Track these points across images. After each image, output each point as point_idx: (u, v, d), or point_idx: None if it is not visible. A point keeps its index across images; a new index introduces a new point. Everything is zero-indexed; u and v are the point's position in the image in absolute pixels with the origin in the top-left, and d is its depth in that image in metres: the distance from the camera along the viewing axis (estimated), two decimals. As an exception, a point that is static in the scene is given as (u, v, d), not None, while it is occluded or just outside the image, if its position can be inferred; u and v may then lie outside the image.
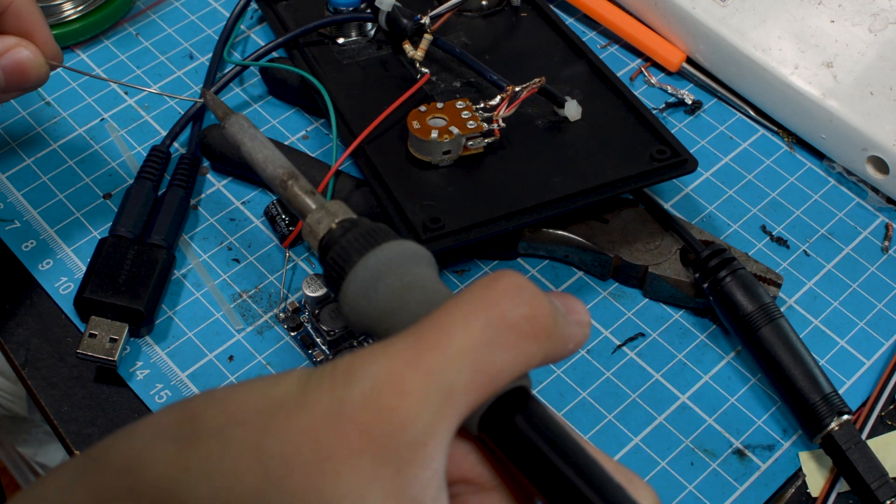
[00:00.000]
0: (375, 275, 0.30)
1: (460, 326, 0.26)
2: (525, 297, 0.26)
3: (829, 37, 0.58)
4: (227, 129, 0.39)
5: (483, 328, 0.26)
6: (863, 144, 0.56)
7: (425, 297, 0.29)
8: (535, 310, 0.26)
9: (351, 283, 0.30)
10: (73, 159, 0.57)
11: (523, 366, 0.26)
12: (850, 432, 0.46)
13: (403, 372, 0.25)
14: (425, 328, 0.26)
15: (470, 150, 0.51)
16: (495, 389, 0.26)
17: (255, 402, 0.25)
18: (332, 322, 0.49)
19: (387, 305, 0.29)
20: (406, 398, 0.25)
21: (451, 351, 0.25)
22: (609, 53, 0.64)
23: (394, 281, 0.29)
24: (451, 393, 0.25)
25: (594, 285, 0.54)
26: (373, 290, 0.29)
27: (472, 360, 0.25)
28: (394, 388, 0.25)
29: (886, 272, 0.55)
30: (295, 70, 0.56)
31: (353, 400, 0.24)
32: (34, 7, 0.46)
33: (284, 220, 0.54)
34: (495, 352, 0.26)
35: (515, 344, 0.26)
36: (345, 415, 0.24)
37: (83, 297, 0.49)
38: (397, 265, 0.30)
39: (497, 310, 0.26)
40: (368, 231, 0.31)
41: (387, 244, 0.30)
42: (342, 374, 0.25)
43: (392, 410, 0.24)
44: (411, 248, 0.30)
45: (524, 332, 0.26)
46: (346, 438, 0.24)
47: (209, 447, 0.25)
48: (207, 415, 0.26)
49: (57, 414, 0.48)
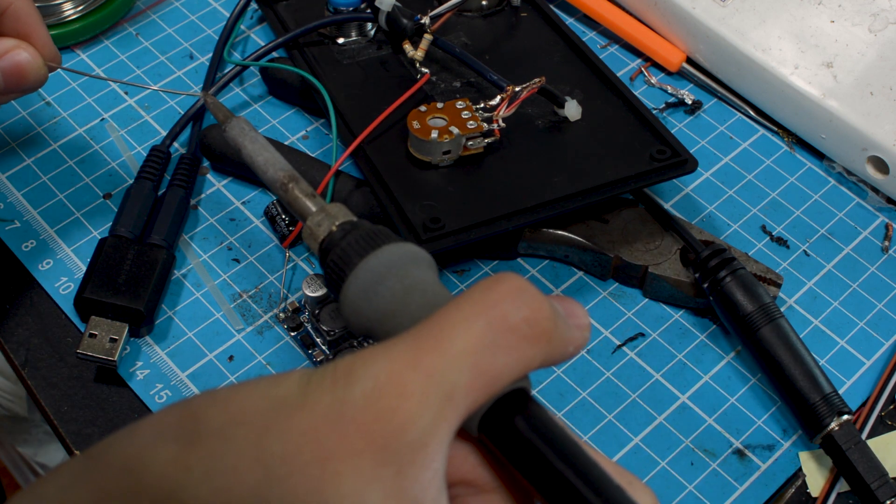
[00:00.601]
0: (376, 277, 0.30)
1: (461, 328, 0.26)
2: (526, 299, 0.26)
3: (829, 37, 0.58)
4: (227, 132, 0.39)
5: (483, 330, 0.26)
6: (863, 144, 0.56)
7: (425, 300, 0.29)
8: (536, 312, 0.26)
9: (351, 285, 0.30)
10: (73, 159, 0.57)
11: (523, 368, 0.26)
12: (850, 432, 0.46)
13: (404, 373, 0.25)
14: (426, 330, 0.26)
15: (470, 150, 0.51)
16: (495, 391, 0.26)
17: (256, 402, 0.26)
18: (332, 322, 0.49)
19: (387, 307, 0.29)
20: (407, 399, 0.25)
21: (452, 352, 0.25)
22: (609, 53, 0.64)
23: (394, 283, 0.29)
24: (451, 394, 0.25)
25: (594, 285, 0.54)
26: (373, 292, 0.30)
27: (472, 362, 0.25)
28: (394, 389, 0.25)
29: (886, 272, 0.55)
30: (295, 70, 0.56)
31: (353, 400, 0.25)
32: (33, 9, 0.46)
33: (284, 220, 0.54)
34: (496, 353, 0.26)
35: (516, 346, 0.26)
36: (345, 415, 0.24)
37: (83, 297, 0.49)
38: (398, 267, 0.30)
39: (498, 312, 0.26)
40: (368, 233, 0.31)
41: (387, 246, 0.30)
42: (343, 374, 0.25)
43: (393, 411, 0.24)
44: (411, 251, 0.30)
45: (524, 335, 0.26)
46: (346, 439, 0.24)
47: (210, 447, 0.25)
48: (208, 415, 0.26)
49: (57, 414, 0.48)
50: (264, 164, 0.37)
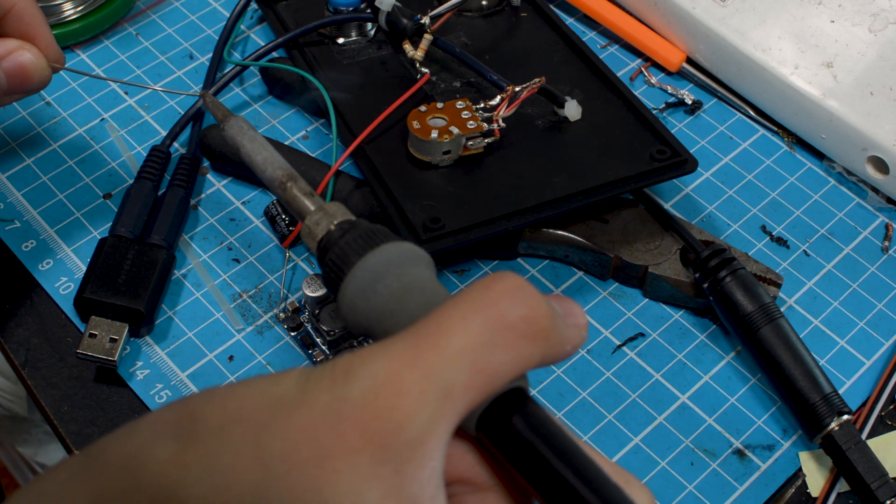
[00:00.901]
0: (374, 276, 0.30)
1: (459, 326, 0.26)
2: (524, 298, 0.27)
3: (829, 37, 0.58)
4: (226, 132, 0.39)
5: (481, 328, 0.26)
6: (863, 144, 0.56)
7: (424, 298, 0.29)
8: (534, 311, 0.27)
9: (349, 284, 0.30)
10: (73, 159, 0.57)
11: (521, 366, 0.26)
12: (850, 432, 0.46)
13: (402, 371, 0.25)
14: (424, 328, 0.26)
15: (470, 150, 0.51)
16: (493, 389, 0.26)
17: (255, 400, 0.26)
18: (332, 322, 0.49)
19: (385, 307, 0.29)
20: (405, 397, 0.25)
21: (450, 350, 0.25)
22: (609, 53, 0.64)
23: (392, 282, 0.29)
24: (449, 392, 0.25)
25: (594, 285, 0.54)
26: (371, 291, 0.30)
27: (470, 360, 0.26)
28: (392, 388, 0.25)
29: (886, 272, 0.55)
30: (295, 70, 0.56)
31: (352, 399, 0.25)
32: (36, 10, 0.46)
33: (284, 220, 0.54)
34: (494, 352, 0.26)
35: (514, 345, 0.26)
36: (344, 413, 0.24)
37: (83, 297, 0.49)
38: (396, 266, 0.30)
39: (496, 310, 0.26)
40: (367, 233, 0.31)
41: (385, 245, 0.30)
42: (341, 373, 0.25)
43: (391, 409, 0.24)
44: (410, 250, 0.30)
45: (522, 333, 0.26)
46: (344, 437, 0.24)
47: (208, 445, 0.25)
48: (206, 413, 0.26)
49: (57, 414, 0.48)
50: (263, 162, 0.37)
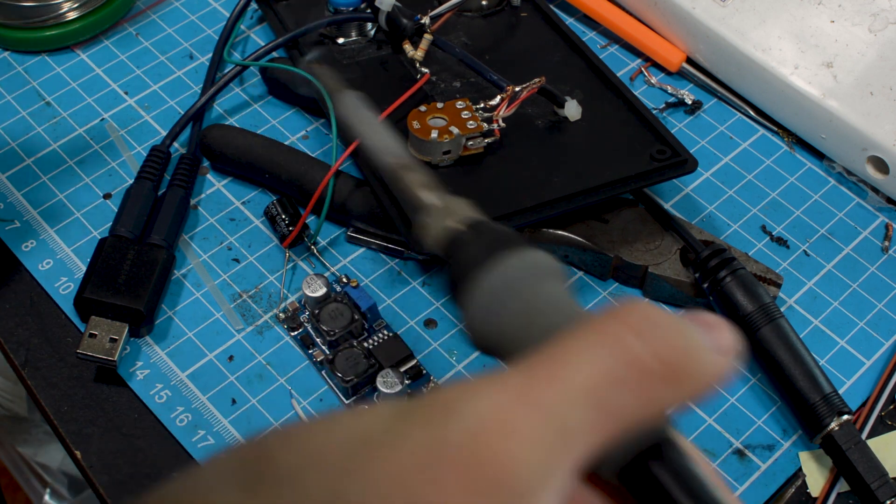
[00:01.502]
0: (505, 289, 0.26)
1: (580, 359, 0.22)
2: (657, 332, 0.23)
3: (829, 37, 0.58)
4: (336, 109, 0.36)
5: (606, 364, 0.22)
6: (863, 144, 0.56)
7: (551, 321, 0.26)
8: (668, 348, 0.23)
9: (477, 296, 0.26)
10: (73, 159, 0.57)
11: (653, 410, 0.23)
12: (850, 432, 0.46)
13: (511, 408, 0.21)
14: (539, 360, 0.23)
15: (470, 150, 0.51)
16: (618, 433, 0.23)
17: (337, 440, 0.22)
18: (331, 322, 0.49)
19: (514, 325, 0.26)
20: (513, 438, 0.21)
21: (569, 386, 0.22)
22: (609, 53, 0.64)
23: (526, 296, 0.26)
24: (566, 434, 0.22)
25: (594, 285, 0.54)
26: (500, 305, 0.26)
27: (593, 399, 0.22)
28: (499, 427, 0.21)
29: (886, 272, 0.55)
30: (295, 70, 0.56)
31: (451, 440, 0.21)
32: None
33: (284, 220, 0.54)
34: (621, 392, 0.22)
35: (644, 386, 0.23)
36: (441, 457, 0.21)
37: (83, 297, 0.49)
38: (529, 279, 0.26)
39: (624, 345, 0.23)
40: (498, 237, 0.28)
41: (518, 253, 0.27)
42: (440, 409, 0.22)
43: (497, 453, 0.21)
44: (544, 260, 0.27)
45: (653, 373, 0.23)
46: (441, 485, 0.21)
47: (276, 493, 0.22)
48: (279, 456, 0.22)
49: (57, 414, 0.48)
50: (374, 147, 0.34)
